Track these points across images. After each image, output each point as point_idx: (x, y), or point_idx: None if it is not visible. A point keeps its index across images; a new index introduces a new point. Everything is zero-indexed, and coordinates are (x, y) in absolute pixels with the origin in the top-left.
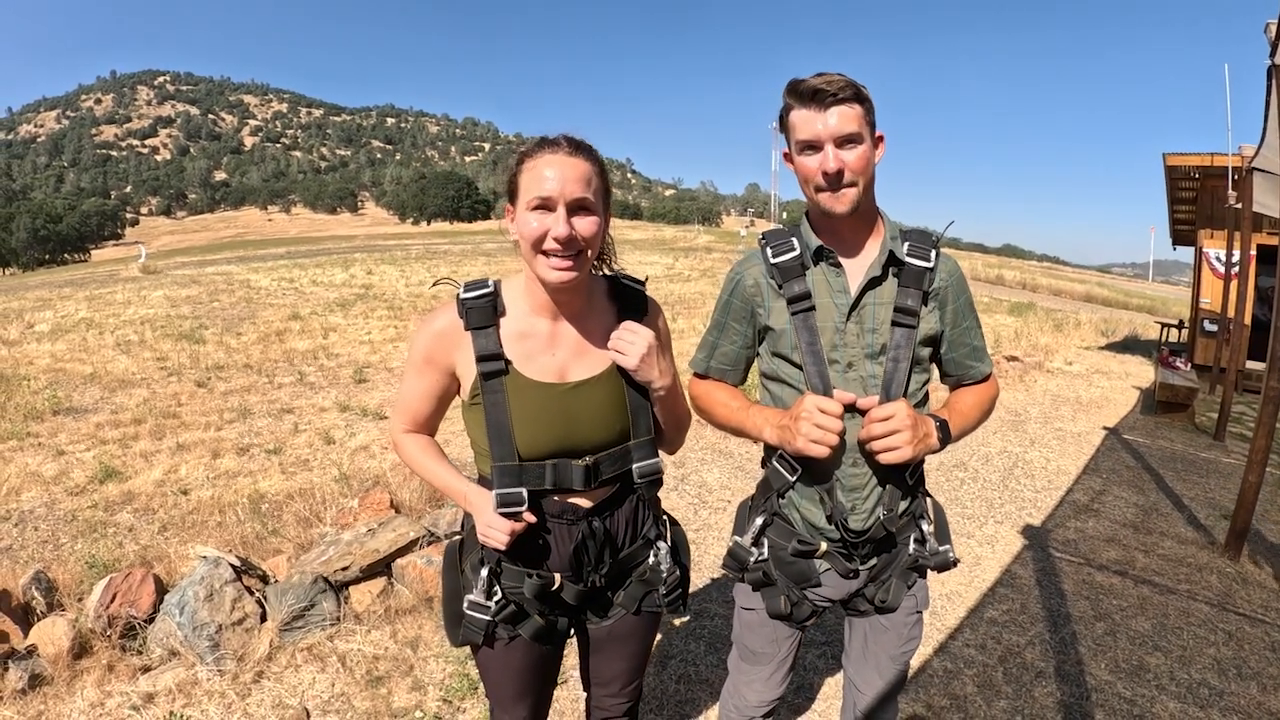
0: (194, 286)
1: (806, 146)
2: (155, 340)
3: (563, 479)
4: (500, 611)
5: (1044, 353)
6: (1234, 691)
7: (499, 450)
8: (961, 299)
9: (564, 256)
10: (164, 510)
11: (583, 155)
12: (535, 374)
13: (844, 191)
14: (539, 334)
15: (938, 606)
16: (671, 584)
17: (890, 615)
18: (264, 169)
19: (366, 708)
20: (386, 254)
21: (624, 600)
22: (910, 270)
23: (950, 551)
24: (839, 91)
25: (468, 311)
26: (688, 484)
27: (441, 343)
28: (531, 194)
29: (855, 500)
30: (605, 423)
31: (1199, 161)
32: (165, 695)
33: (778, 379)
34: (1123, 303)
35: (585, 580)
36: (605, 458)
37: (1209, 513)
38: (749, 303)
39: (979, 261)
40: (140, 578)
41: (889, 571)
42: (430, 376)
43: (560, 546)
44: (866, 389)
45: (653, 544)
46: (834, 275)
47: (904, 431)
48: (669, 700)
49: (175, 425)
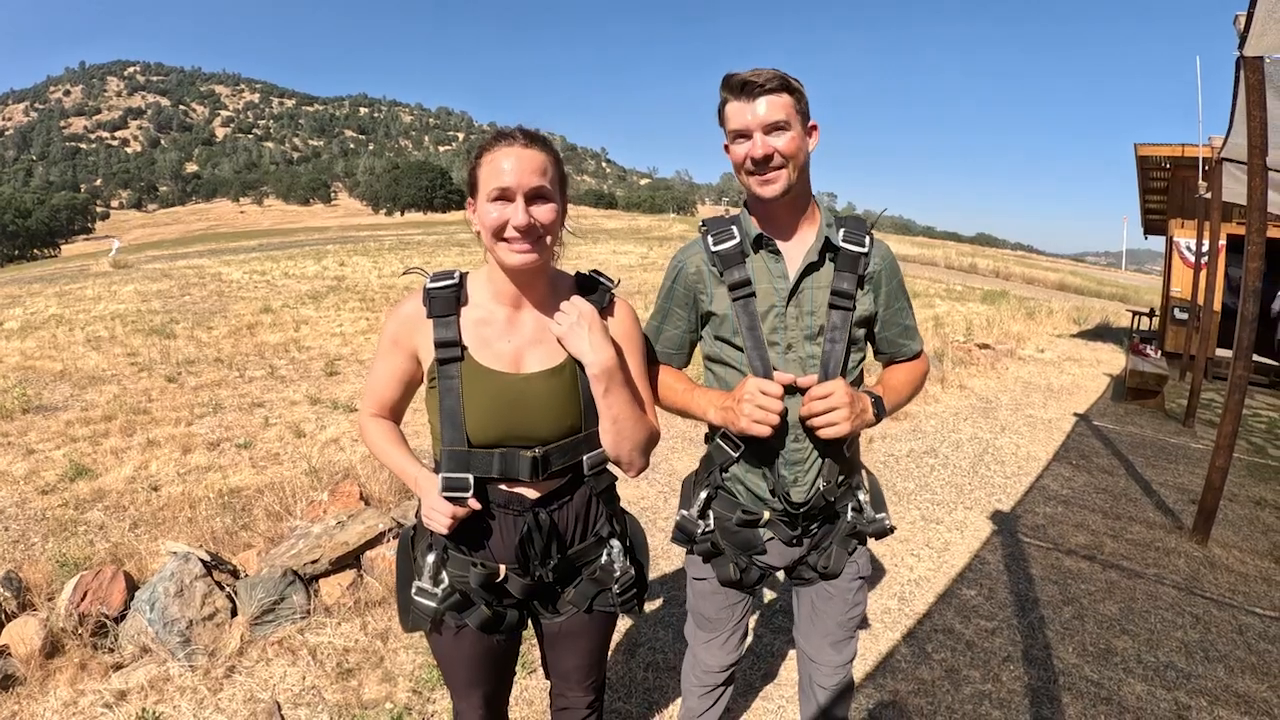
0: (165, 280)
1: (738, 135)
2: (126, 335)
3: (510, 469)
4: (446, 599)
5: (1016, 340)
6: (1201, 674)
7: (449, 435)
8: (894, 281)
9: (524, 241)
10: (134, 507)
11: (538, 146)
12: (489, 361)
13: (772, 174)
14: (496, 321)
15: (906, 592)
16: (625, 584)
17: (835, 582)
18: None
19: (337, 700)
20: (359, 245)
21: (574, 598)
22: (846, 255)
23: (886, 519)
24: (766, 83)
25: (431, 300)
26: (658, 472)
27: (406, 327)
28: (490, 185)
29: (797, 473)
30: (556, 415)
31: (1170, 152)
32: (137, 692)
33: (720, 361)
34: (1095, 291)
35: (531, 574)
36: (555, 450)
37: (1177, 497)
38: (691, 289)
39: (952, 250)
40: (111, 575)
41: (830, 539)
42: (395, 360)
43: (506, 537)
44: (805, 369)
45: (605, 542)
46: (773, 261)
47: (842, 408)
48: (637, 688)
49: (146, 421)
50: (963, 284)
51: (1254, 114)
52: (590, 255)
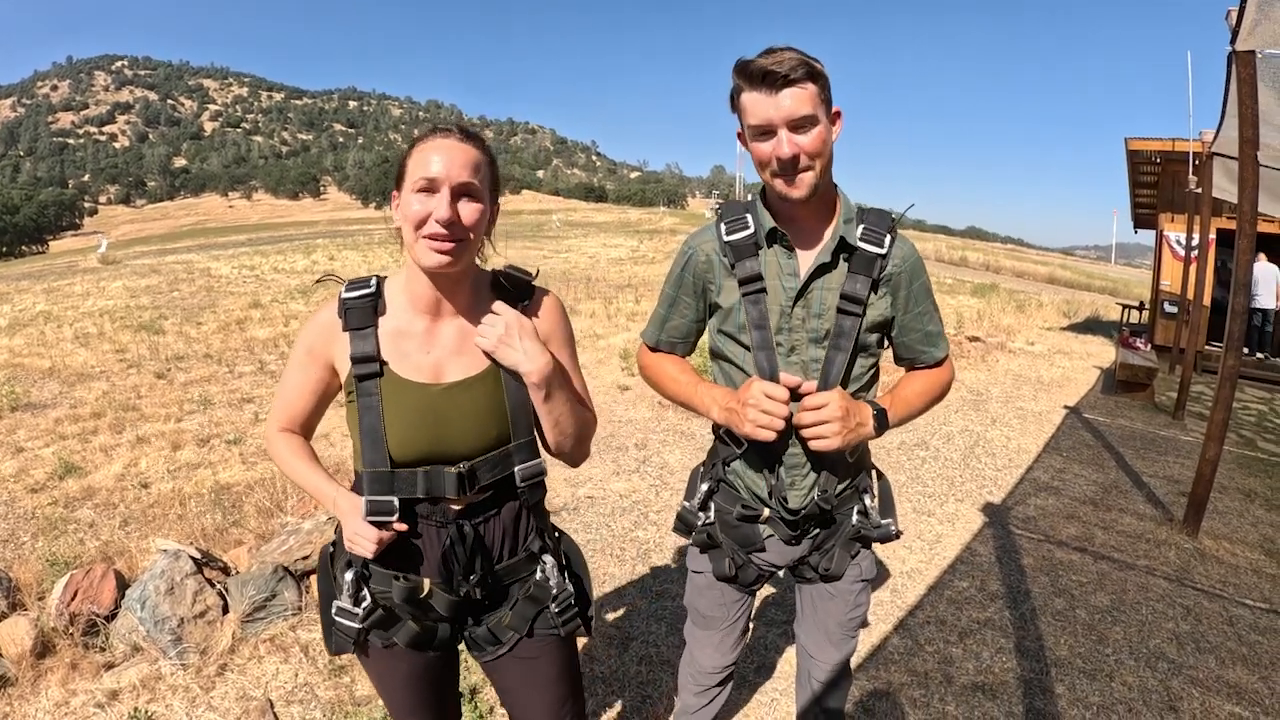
0: (154, 276)
1: (760, 132)
2: (114, 332)
3: (435, 488)
4: (368, 617)
5: (1006, 333)
6: (1193, 665)
7: (371, 455)
8: (916, 284)
9: (445, 240)
10: (124, 505)
11: (473, 143)
12: (409, 373)
13: (800, 177)
14: (415, 333)
15: (899, 584)
16: (563, 602)
17: (836, 584)
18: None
19: (330, 697)
20: (349, 239)
21: (513, 621)
22: (861, 256)
23: (892, 525)
24: (790, 72)
25: (346, 312)
26: (649, 465)
27: (321, 338)
28: (417, 175)
29: (795, 477)
30: (479, 427)
31: (1160, 146)
32: (129, 691)
33: (725, 357)
34: (1085, 284)
35: (457, 589)
36: (482, 463)
37: (1168, 489)
38: (700, 278)
39: (944, 243)
40: (101, 574)
41: (832, 541)
42: (310, 371)
43: (429, 550)
44: (808, 373)
45: (537, 558)
46: (785, 258)
47: (833, 423)
48: (631, 682)
49: (135, 418)
50: (953, 277)
51: (1245, 107)
52: (581, 248)
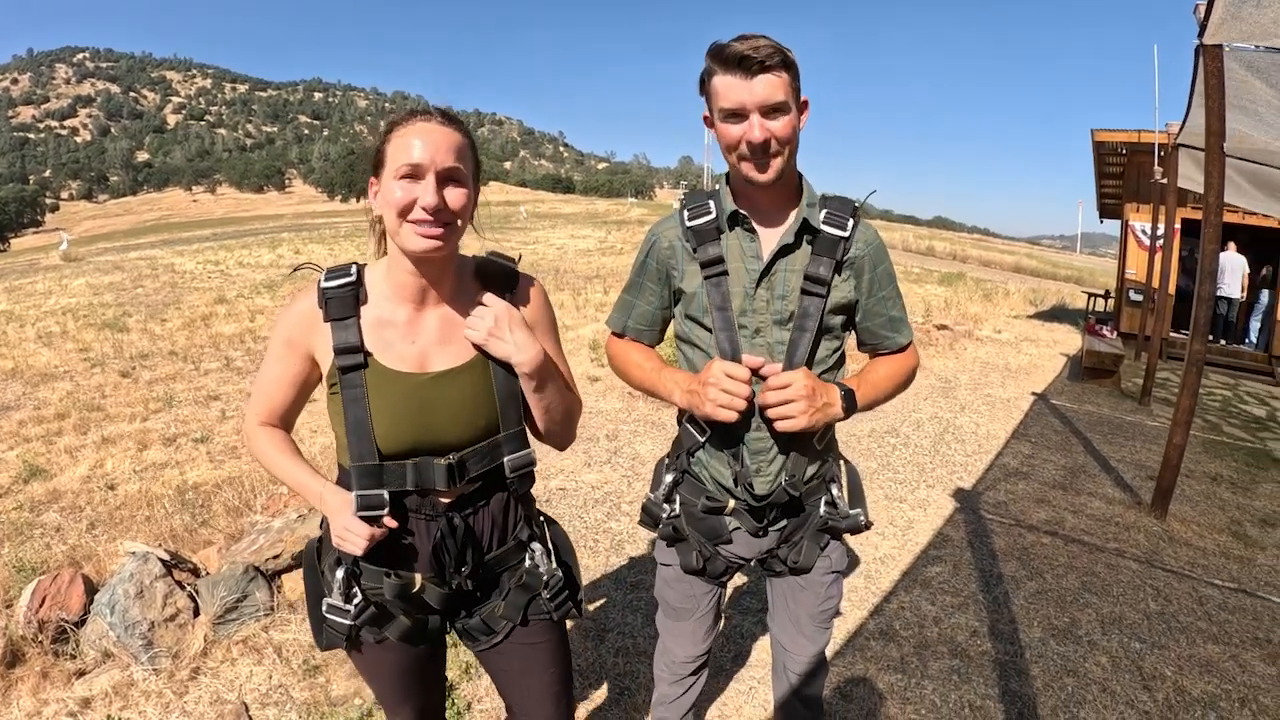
0: (117, 273)
1: (731, 115)
2: (78, 330)
3: (425, 479)
4: (360, 614)
5: (973, 321)
6: (1164, 644)
7: (358, 448)
8: (879, 269)
9: (432, 225)
10: (91, 507)
11: (455, 127)
12: (393, 363)
13: (770, 161)
14: (398, 322)
15: (872, 570)
16: (555, 587)
17: (806, 576)
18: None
19: (305, 698)
20: (315, 233)
21: (506, 611)
22: (824, 239)
23: (862, 515)
24: (766, 59)
25: (327, 302)
26: (620, 456)
27: (301, 328)
28: (400, 162)
29: (760, 463)
30: (468, 417)
31: (1126, 138)
32: (102, 699)
33: (689, 342)
34: (1051, 273)
35: (449, 582)
36: (471, 454)
37: (1135, 473)
38: (664, 264)
39: (910, 233)
40: (69, 579)
41: (800, 533)
42: (289, 363)
43: (420, 544)
44: (774, 355)
45: (525, 546)
46: (748, 240)
47: (799, 401)
48: (608, 673)
49: (100, 418)
50: (920, 266)
51: (1213, 100)
52: (549, 240)
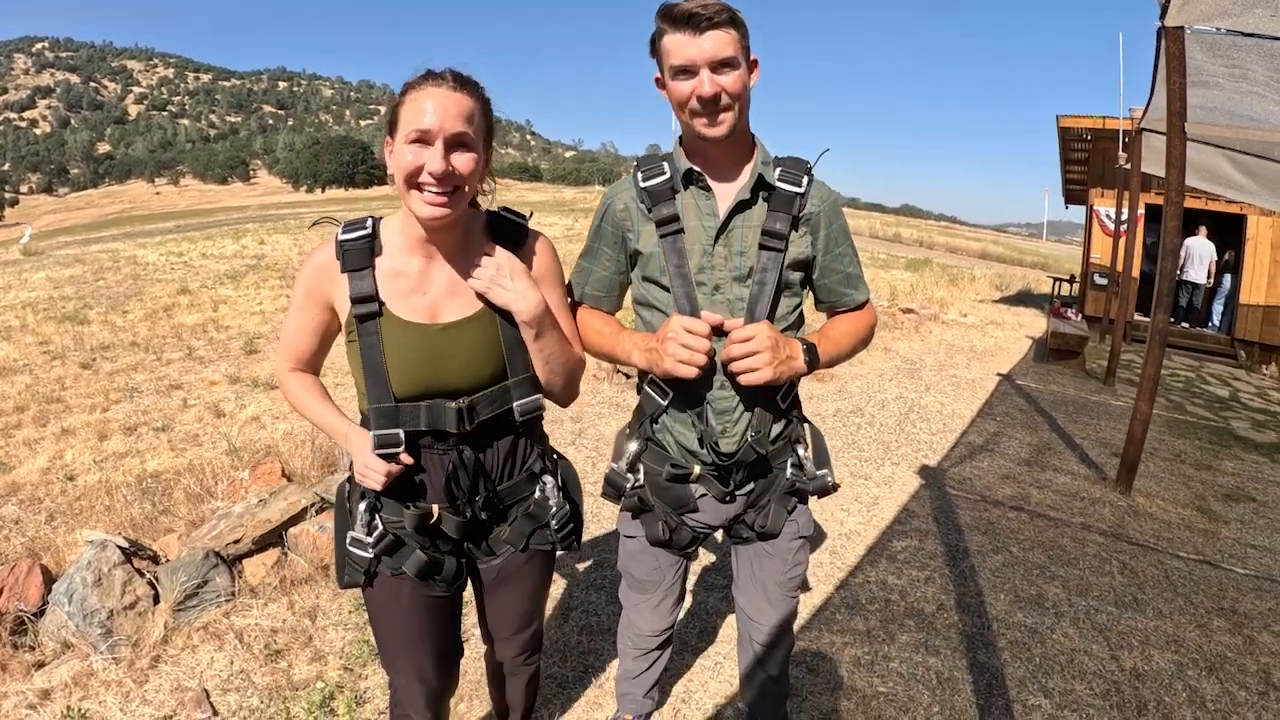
0: (78, 266)
1: (680, 71)
2: (37, 324)
3: (437, 420)
4: (379, 543)
5: (939, 305)
6: (1130, 616)
7: (375, 391)
8: (835, 225)
9: (439, 193)
10: (50, 499)
11: (467, 91)
12: (407, 314)
13: (721, 115)
14: (410, 273)
15: (838, 545)
16: (561, 519)
17: (774, 541)
18: (150, 139)
19: (267, 683)
20: (280, 223)
21: (511, 536)
22: (780, 195)
23: (828, 476)
24: (714, 15)
25: (344, 254)
26: (585, 438)
27: (320, 278)
28: (410, 126)
29: (725, 423)
30: (476, 365)
31: (1091, 124)
32: (61, 690)
33: (648, 304)
34: (1017, 260)
35: (462, 510)
36: (481, 399)
37: (1100, 451)
38: (619, 227)
39: (877, 220)
40: (26, 569)
41: (767, 496)
42: (310, 312)
43: (434, 477)
44: (734, 311)
45: (538, 478)
46: (703, 199)
47: (763, 353)
48: (572, 651)
49: (59, 410)
50: (887, 253)
51: (1173, 82)
52: None
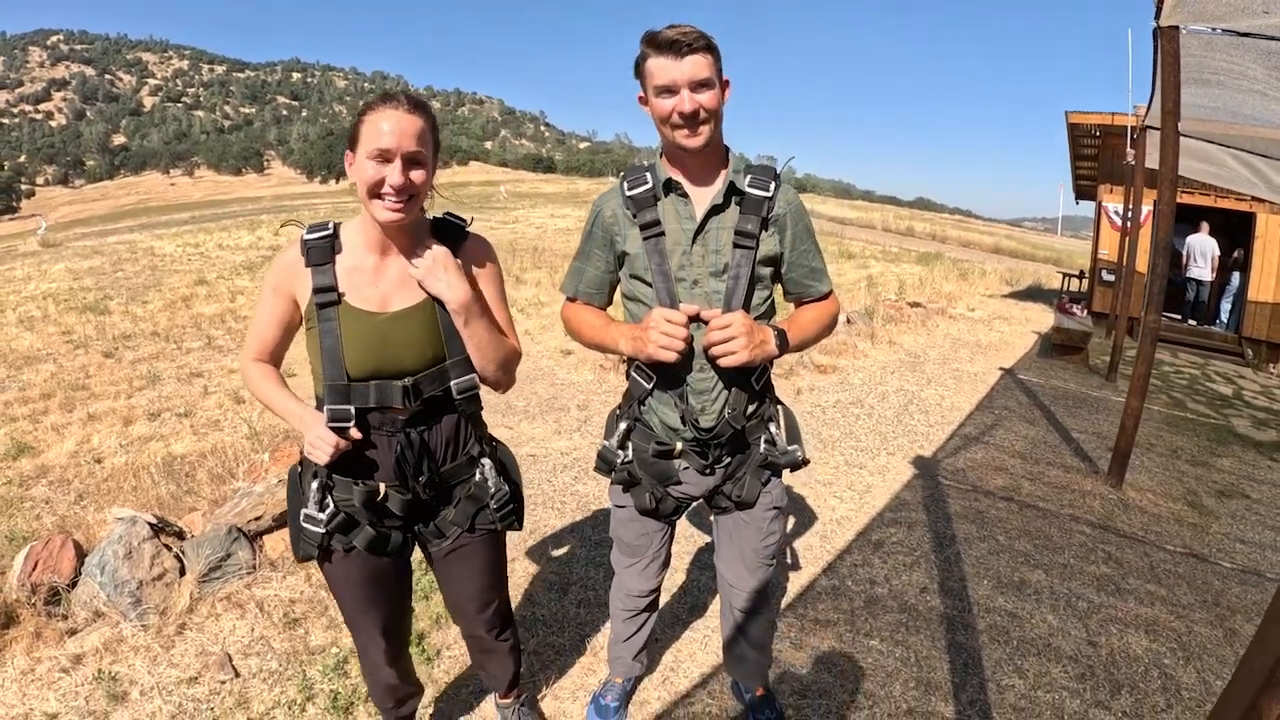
0: (96, 257)
1: (664, 90)
2: (59, 314)
3: (385, 398)
4: (331, 521)
5: (947, 299)
6: (1111, 604)
7: (330, 371)
8: (800, 225)
9: (396, 201)
10: (79, 480)
11: (420, 113)
12: (361, 303)
13: (700, 128)
14: (366, 269)
15: (828, 531)
16: (500, 499)
17: (750, 511)
18: (165, 131)
19: (285, 648)
20: (294, 214)
21: (456, 517)
22: (750, 199)
23: (799, 451)
24: (694, 42)
25: (308, 250)
26: (590, 425)
27: (286, 275)
28: (371, 145)
29: (704, 402)
30: (420, 348)
31: (1100, 120)
32: (93, 654)
33: (634, 298)
34: (1029, 254)
35: (409, 489)
36: (424, 378)
37: (1095, 445)
38: (608, 231)
39: (891, 213)
40: (60, 544)
41: (743, 470)
42: (276, 306)
43: (383, 457)
44: (711, 303)
45: (476, 461)
46: (682, 204)
47: (740, 338)
48: (570, 623)
49: (85, 396)
50: (899, 246)
51: (1168, 81)
52: (528, 219)
